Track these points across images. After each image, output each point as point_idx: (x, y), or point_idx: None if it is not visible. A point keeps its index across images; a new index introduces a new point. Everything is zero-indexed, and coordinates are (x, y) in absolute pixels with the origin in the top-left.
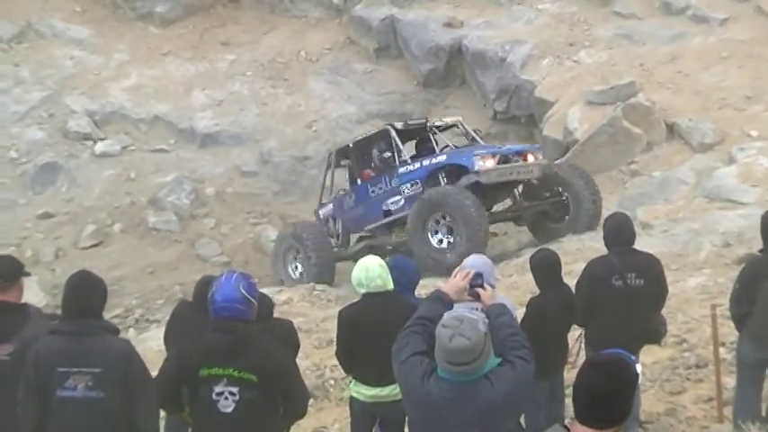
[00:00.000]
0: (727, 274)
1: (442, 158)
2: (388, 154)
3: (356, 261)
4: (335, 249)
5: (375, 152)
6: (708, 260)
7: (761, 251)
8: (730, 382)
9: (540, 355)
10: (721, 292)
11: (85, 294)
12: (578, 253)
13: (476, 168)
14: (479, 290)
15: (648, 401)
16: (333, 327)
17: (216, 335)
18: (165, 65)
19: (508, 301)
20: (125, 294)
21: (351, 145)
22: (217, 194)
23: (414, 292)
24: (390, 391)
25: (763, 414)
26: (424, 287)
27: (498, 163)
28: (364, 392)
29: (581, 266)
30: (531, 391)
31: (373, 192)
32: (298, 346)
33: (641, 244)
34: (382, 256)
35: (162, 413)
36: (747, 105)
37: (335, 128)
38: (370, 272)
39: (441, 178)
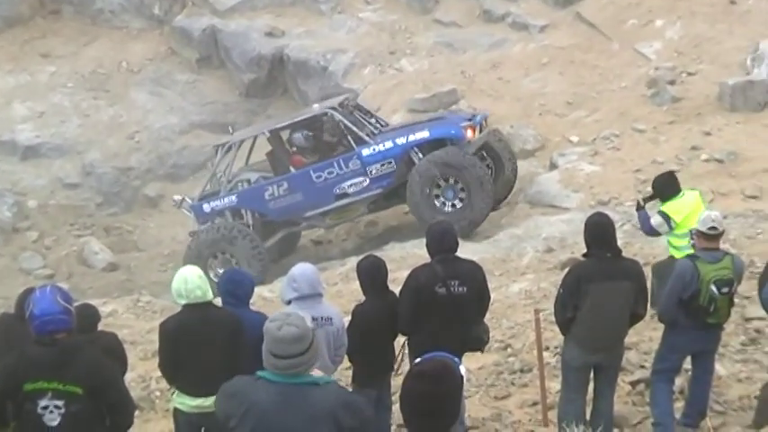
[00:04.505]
0: (549, 279)
1: (423, 134)
2: (307, 132)
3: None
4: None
5: (298, 135)
6: (531, 265)
7: (584, 255)
8: (555, 386)
9: (367, 362)
10: (544, 297)
11: None
12: (402, 260)
13: (466, 139)
14: None
15: (474, 407)
16: (158, 338)
17: (39, 348)
18: None
19: (336, 311)
20: None
21: (267, 133)
22: (39, 207)
23: (248, 305)
24: (214, 401)
25: (588, 417)
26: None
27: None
28: (188, 403)
29: (405, 274)
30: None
31: (319, 176)
32: (125, 360)
33: (465, 251)
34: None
35: None
36: (568, 111)
37: (158, 138)
38: (189, 283)
39: (415, 154)
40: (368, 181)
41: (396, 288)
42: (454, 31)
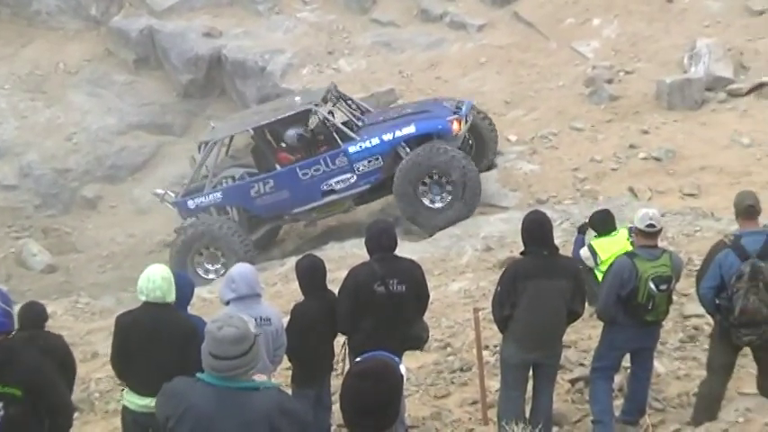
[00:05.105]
0: (488, 278)
1: (409, 130)
2: (300, 131)
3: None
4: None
5: (292, 134)
6: (470, 264)
7: (522, 254)
8: (494, 384)
9: (306, 362)
10: (483, 296)
11: None
12: (341, 260)
13: (453, 133)
14: None
15: (414, 406)
16: (97, 340)
17: None
18: None
19: (275, 311)
20: None
21: (251, 130)
22: None
23: (186, 309)
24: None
25: (527, 415)
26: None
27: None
28: (136, 402)
29: (344, 273)
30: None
31: (306, 174)
32: (72, 363)
33: (404, 250)
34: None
35: None
36: (506, 110)
37: (96, 140)
38: (151, 282)
39: (402, 149)
40: (355, 177)
41: (335, 288)
42: (392, 30)
